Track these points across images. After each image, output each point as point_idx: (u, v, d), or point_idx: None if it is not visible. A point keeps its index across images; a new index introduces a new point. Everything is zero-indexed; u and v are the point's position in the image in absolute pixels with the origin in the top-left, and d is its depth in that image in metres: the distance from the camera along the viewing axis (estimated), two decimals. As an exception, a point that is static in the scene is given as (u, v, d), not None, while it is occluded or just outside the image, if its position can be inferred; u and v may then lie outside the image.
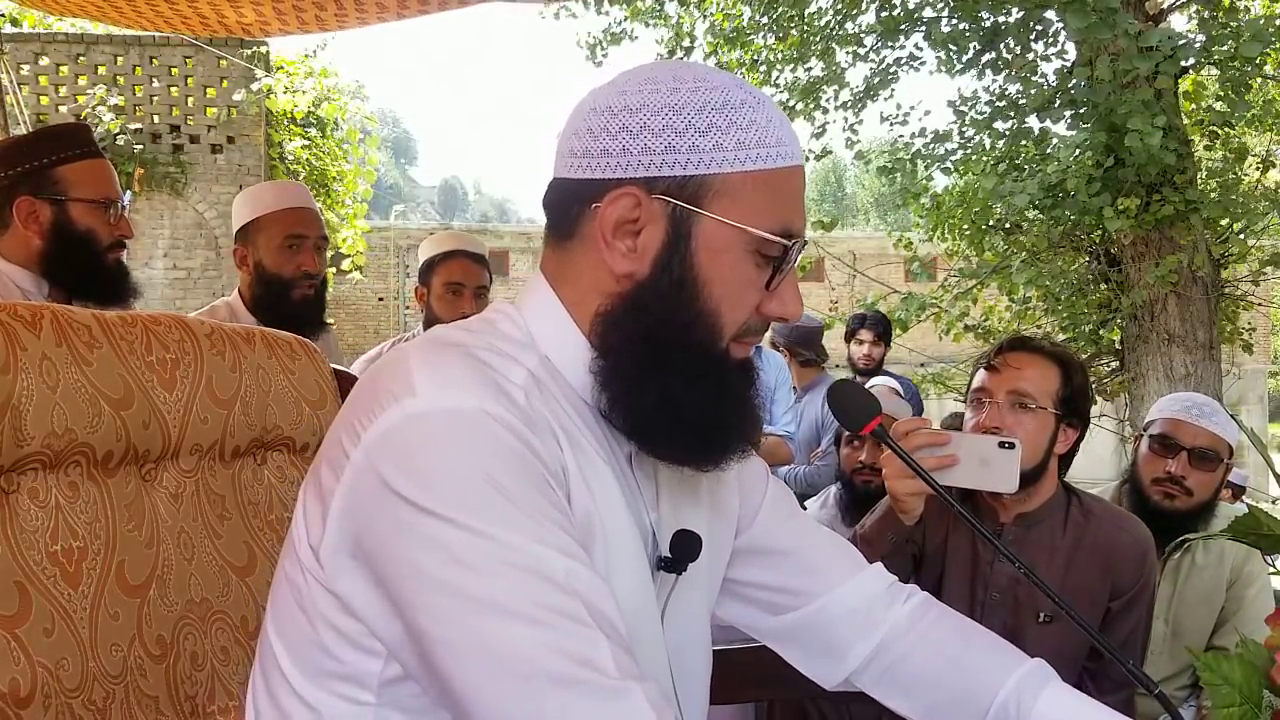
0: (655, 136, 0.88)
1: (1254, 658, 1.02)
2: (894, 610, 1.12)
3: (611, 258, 0.90)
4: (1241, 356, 8.62)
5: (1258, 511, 1.20)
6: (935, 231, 6.57)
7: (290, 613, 0.89)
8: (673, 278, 0.89)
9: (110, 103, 9.94)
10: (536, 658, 0.75)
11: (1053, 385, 1.78)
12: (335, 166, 10.14)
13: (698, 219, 0.88)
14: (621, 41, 7.57)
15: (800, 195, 0.95)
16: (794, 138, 0.93)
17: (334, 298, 12.57)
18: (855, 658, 1.11)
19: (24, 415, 0.95)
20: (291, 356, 1.28)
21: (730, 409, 0.93)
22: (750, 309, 0.92)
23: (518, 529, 0.77)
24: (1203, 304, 5.56)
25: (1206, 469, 2.22)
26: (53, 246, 1.92)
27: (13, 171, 1.91)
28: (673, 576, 0.96)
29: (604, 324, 0.91)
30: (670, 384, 0.88)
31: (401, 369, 0.84)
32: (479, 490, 0.78)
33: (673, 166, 0.88)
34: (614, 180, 0.89)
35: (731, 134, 0.88)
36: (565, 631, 0.76)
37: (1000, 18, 5.93)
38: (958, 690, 1.08)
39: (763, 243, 0.90)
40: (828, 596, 1.12)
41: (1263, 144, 6.78)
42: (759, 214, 0.89)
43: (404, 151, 63.13)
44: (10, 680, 0.89)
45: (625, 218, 0.89)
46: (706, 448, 0.92)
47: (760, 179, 0.89)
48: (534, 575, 0.76)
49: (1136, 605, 1.81)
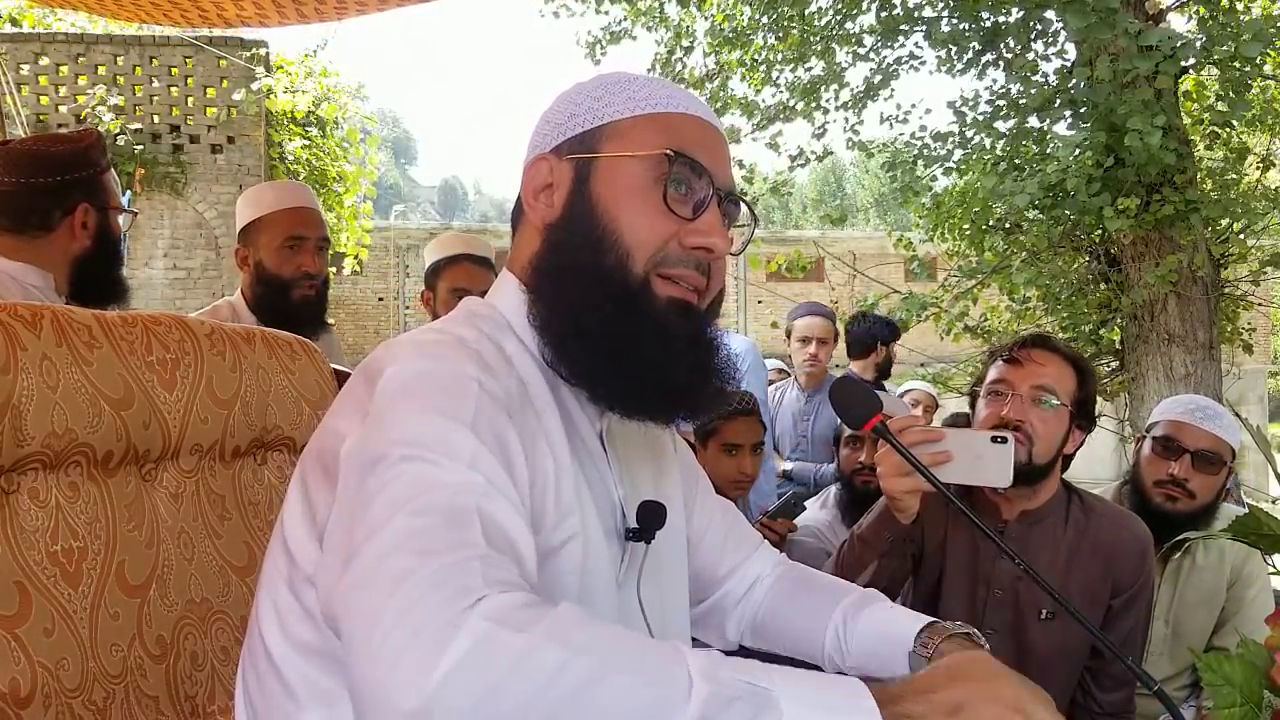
0: (560, 113, 1.03)
1: (1254, 658, 1.02)
2: (764, 581, 1.25)
3: (534, 216, 1.01)
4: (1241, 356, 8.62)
5: (1258, 511, 1.20)
6: (935, 232, 6.57)
7: (286, 600, 0.89)
8: (575, 212, 0.98)
9: (110, 103, 9.94)
10: (417, 534, 0.71)
11: (1071, 385, 1.80)
12: (335, 166, 10.14)
13: (595, 163, 0.99)
14: (621, 40, 7.57)
15: (702, 137, 1.02)
16: (693, 99, 1.05)
17: (334, 298, 12.54)
18: (735, 629, 1.25)
19: (24, 415, 0.95)
20: (291, 356, 1.28)
21: (657, 345, 0.95)
22: (661, 236, 0.97)
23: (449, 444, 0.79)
24: (1203, 304, 5.56)
25: (1209, 471, 2.22)
26: (95, 252, 1.97)
27: (68, 177, 1.93)
28: (643, 546, 1.00)
29: (532, 273, 1.01)
30: (575, 305, 0.95)
31: (390, 351, 0.89)
32: (430, 426, 0.80)
33: (573, 129, 1.01)
34: (534, 160, 1.02)
35: (622, 94, 1.01)
36: (443, 533, 0.72)
37: (1000, 18, 5.93)
38: (800, 628, 1.19)
39: (653, 165, 0.98)
40: (731, 581, 1.24)
41: (1263, 144, 6.77)
42: (645, 143, 0.99)
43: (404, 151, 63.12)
44: (10, 680, 0.89)
45: (542, 183, 1.01)
46: (631, 381, 0.95)
47: (649, 119, 1.00)
48: (447, 493, 0.75)
49: (1136, 603, 1.82)
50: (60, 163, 1.92)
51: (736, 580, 1.25)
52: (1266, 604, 2.26)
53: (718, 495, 1.29)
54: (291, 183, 2.64)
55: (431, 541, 0.70)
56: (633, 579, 1.00)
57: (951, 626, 1.10)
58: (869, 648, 1.12)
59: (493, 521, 0.74)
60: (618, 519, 0.99)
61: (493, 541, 0.72)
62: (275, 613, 0.90)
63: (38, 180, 1.90)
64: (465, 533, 0.71)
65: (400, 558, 0.68)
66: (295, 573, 0.89)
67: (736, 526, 1.27)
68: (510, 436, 0.84)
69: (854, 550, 1.70)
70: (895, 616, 1.13)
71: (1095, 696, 1.82)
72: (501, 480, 0.79)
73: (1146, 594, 1.84)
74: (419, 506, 0.73)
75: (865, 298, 6.61)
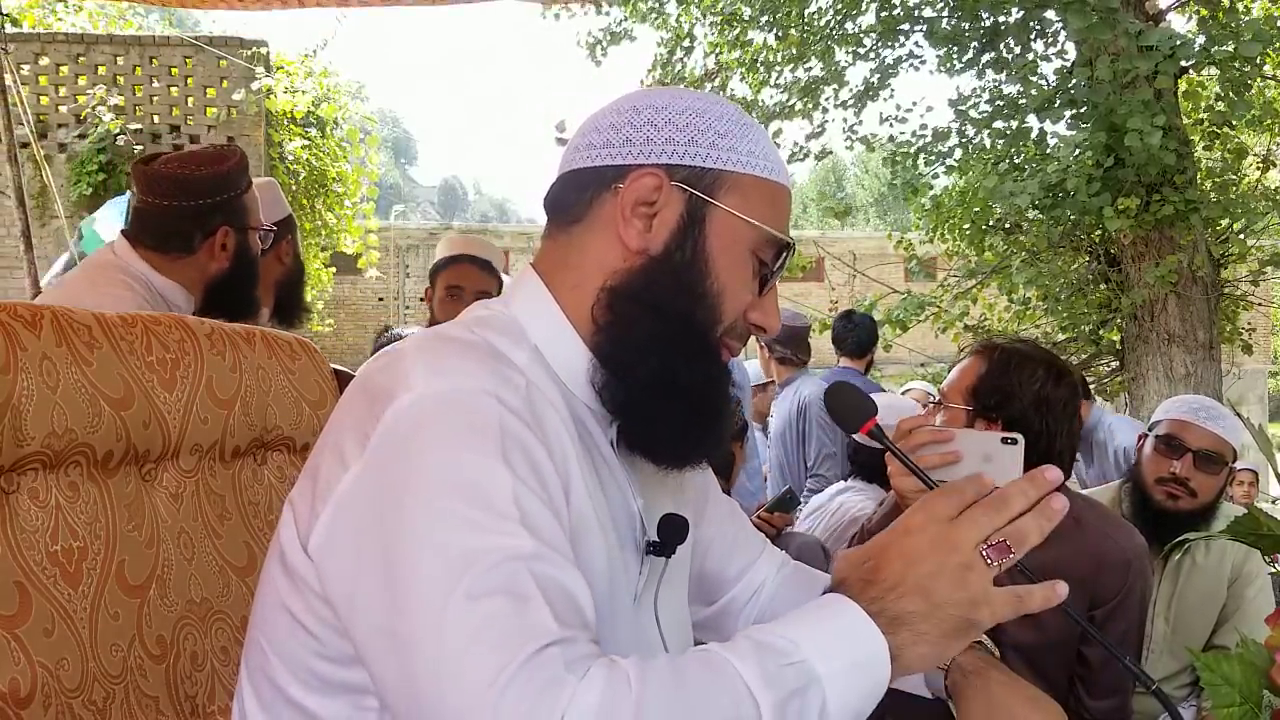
0: (679, 130, 0.95)
1: (1254, 658, 1.02)
2: (769, 583, 1.25)
3: (627, 233, 0.94)
4: (1241, 356, 8.61)
5: (1257, 511, 1.20)
6: (935, 233, 6.57)
7: (284, 620, 0.88)
8: (684, 257, 0.94)
9: (110, 103, 9.93)
10: (487, 627, 0.71)
11: (966, 379, 1.78)
12: (335, 167, 10.13)
13: (712, 209, 0.95)
14: (621, 41, 7.58)
15: (789, 214, 1.02)
16: (784, 166, 1.02)
17: (334, 298, 12.57)
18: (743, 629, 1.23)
19: (24, 415, 0.95)
20: (291, 356, 1.28)
21: (720, 405, 0.97)
22: (741, 309, 0.98)
23: (488, 516, 0.76)
24: (1203, 304, 5.56)
25: (1211, 471, 2.22)
26: (232, 273, 1.96)
27: (212, 200, 1.92)
28: (662, 560, 0.98)
29: (611, 295, 0.94)
30: (671, 355, 0.92)
31: (399, 368, 0.84)
32: (461, 474, 0.77)
33: (694, 158, 0.95)
34: (637, 165, 0.95)
35: (745, 142, 0.97)
36: (508, 617, 0.72)
37: (1000, 17, 5.93)
38: None
39: (764, 243, 0.97)
40: (738, 585, 1.23)
41: (1262, 144, 6.77)
42: (763, 215, 0.96)
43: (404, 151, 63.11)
44: (10, 680, 0.89)
45: (645, 198, 0.94)
46: (686, 436, 0.95)
47: (766, 186, 0.97)
48: (495, 560, 0.73)
49: (1120, 614, 1.79)
50: (203, 186, 1.91)
51: (744, 584, 1.24)
52: (1266, 603, 2.26)
53: (723, 495, 1.28)
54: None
55: (505, 634, 0.70)
56: (650, 594, 0.98)
57: None
58: None
59: (553, 585, 0.74)
60: (636, 531, 0.97)
61: (559, 613, 0.73)
62: (276, 638, 0.89)
63: (181, 203, 1.90)
64: (533, 614, 0.71)
65: (479, 658, 0.69)
66: (296, 595, 0.87)
67: (743, 529, 1.26)
68: (538, 452, 0.82)
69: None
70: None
71: (1086, 704, 1.81)
72: (545, 522, 0.78)
73: (1133, 603, 1.81)
74: (475, 588, 0.72)
75: (865, 298, 6.60)
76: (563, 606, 0.74)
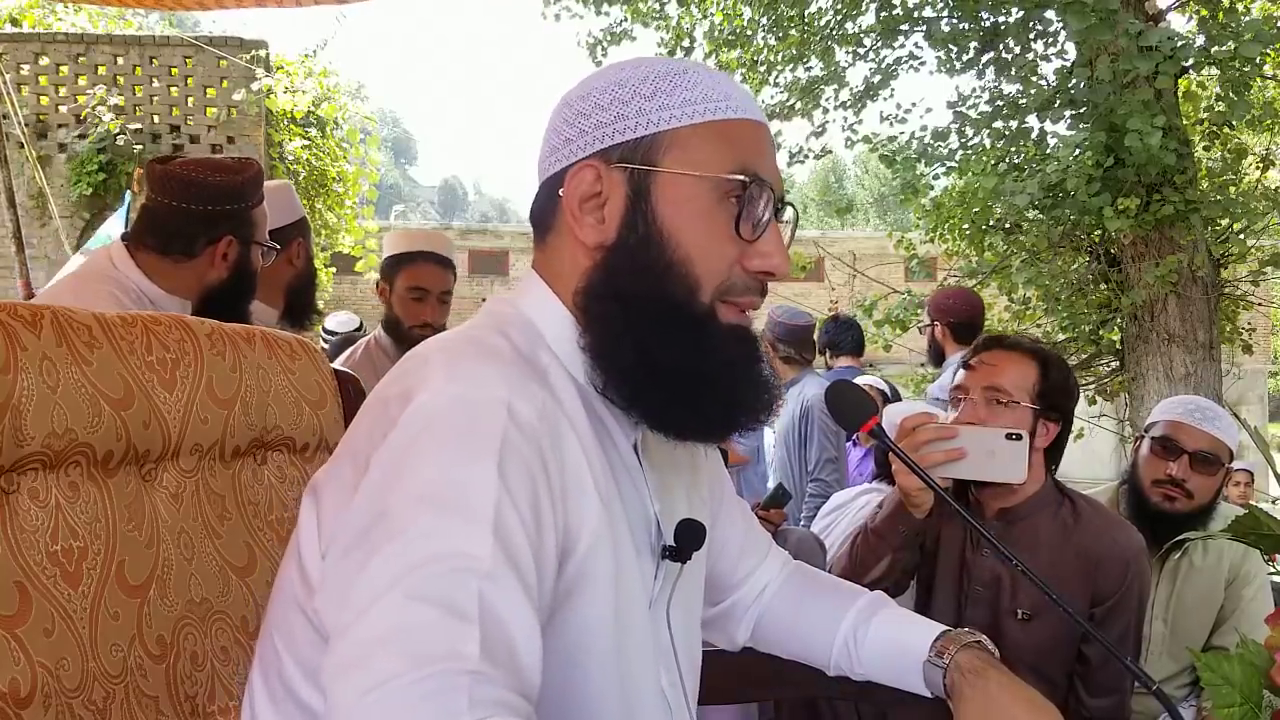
0: (604, 111, 0.92)
1: (1254, 658, 1.02)
2: (773, 585, 1.25)
3: (582, 232, 0.92)
4: (1241, 356, 8.61)
5: (1257, 511, 1.20)
6: (935, 233, 6.57)
7: (299, 621, 0.89)
8: (638, 235, 0.91)
9: (110, 103, 9.94)
10: (411, 629, 0.68)
11: (1029, 380, 1.80)
12: (335, 167, 10.14)
13: (654, 176, 0.90)
14: (621, 41, 7.56)
15: (762, 145, 0.95)
16: (746, 95, 0.96)
17: (334, 298, 12.57)
18: (744, 633, 1.24)
19: (24, 415, 0.94)
20: (291, 356, 1.28)
21: (722, 373, 0.92)
22: (729, 261, 0.92)
23: (470, 525, 0.74)
24: (1203, 304, 5.56)
25: (1207, 472, 2.22)
26: (229, 284, 1.96)
27: (220, 208, 1.92)
28: (678, 565, 0.97)
29: (584, 298, 0.93)
30: (645, 339, 0.89)
31: (420, 371, 0.84)
32: (449, 473, 0.76)
33: (623, 132, 0.91)
34: (574, 163, 0.92)
35: (676, 94, 0.91)
36: (446, 625, 0.69)
37: (1000, 18, 5.93)
38: (807, 633, 1.19)
39: (722, 186, 0.91)
40: (744, 587, 1.23)
41: (1262, 144, 6.77)
42: (712, 160, 0.91)
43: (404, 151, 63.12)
44: (10, 680, 0.89)
45: (588, 192, 0.92)
46: (695, 411, 0.91)
47: (711, 128, 0.91)
48: (449, 567, 0.72)
49: (1120, 612, 1.80)
50: (215, 193, 1.91)
51: (750, 586, 1.24)
52: (1265, 603, 2.26)
53: (736, 496, 1.28)
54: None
55: (423, 644, 0.67)
56: (664, 600, 0.97)
57: (964, 636, 1.09)
58: (881, 657, 1.11)
59: (493, 616, 0.70)
60: (652, 535, 0.96)
61: (489, 649, 0.68)
62: (291, 639, 0.89)
63: (189, 206, 1.90)
64: (460, 638, 0.67)
65: (388, 657, 0.66)
66: (309, 597, 0.87)
67: (752, 530, 1.25)
68: (537, 473, 0.80)
69: (868, 544, 1.73)
70: (906, 625, 1.12)
71: (1085, 702, 1.82)
72: (518, 540, 0.75)
73: (1132, 601, 1.82)
74: (417, 588, 0.69)
75: (865, 298, 6.60)
76: (496, 641, 0.69)
